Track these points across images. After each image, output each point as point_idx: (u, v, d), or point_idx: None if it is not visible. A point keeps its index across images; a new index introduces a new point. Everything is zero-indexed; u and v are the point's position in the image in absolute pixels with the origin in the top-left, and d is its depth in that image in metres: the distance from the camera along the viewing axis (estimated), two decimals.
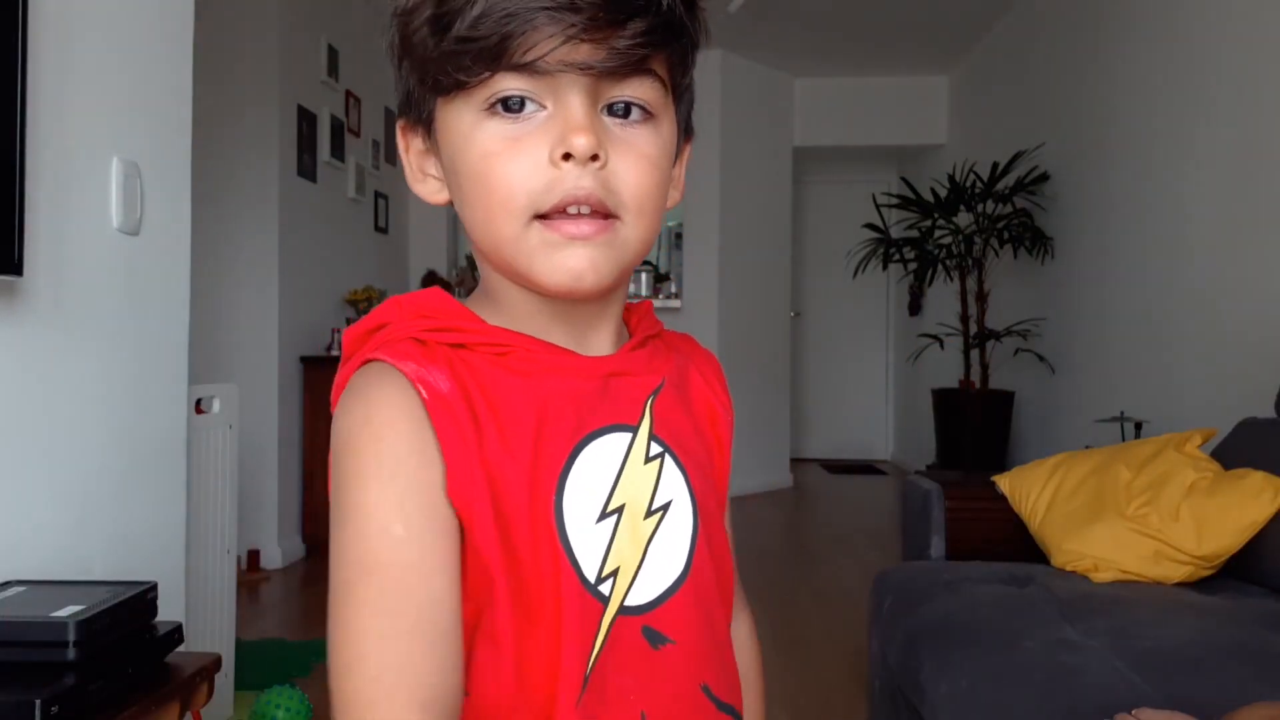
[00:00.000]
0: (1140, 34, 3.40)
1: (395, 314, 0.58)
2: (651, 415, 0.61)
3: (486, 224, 0.55)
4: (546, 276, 0.55)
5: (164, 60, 1.63)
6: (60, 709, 1.00)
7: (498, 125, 0.54)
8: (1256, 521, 1.71)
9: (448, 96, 0.55)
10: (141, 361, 1.57)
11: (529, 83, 0.53)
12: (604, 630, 0.56)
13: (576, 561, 0.55)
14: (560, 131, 0.53)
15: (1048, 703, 1.25)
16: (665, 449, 0.61)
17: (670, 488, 0.61)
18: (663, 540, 0.59)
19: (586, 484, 0.57)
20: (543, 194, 0.53)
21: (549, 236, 0.54)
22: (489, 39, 0.51)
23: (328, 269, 4.16)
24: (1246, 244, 2.73)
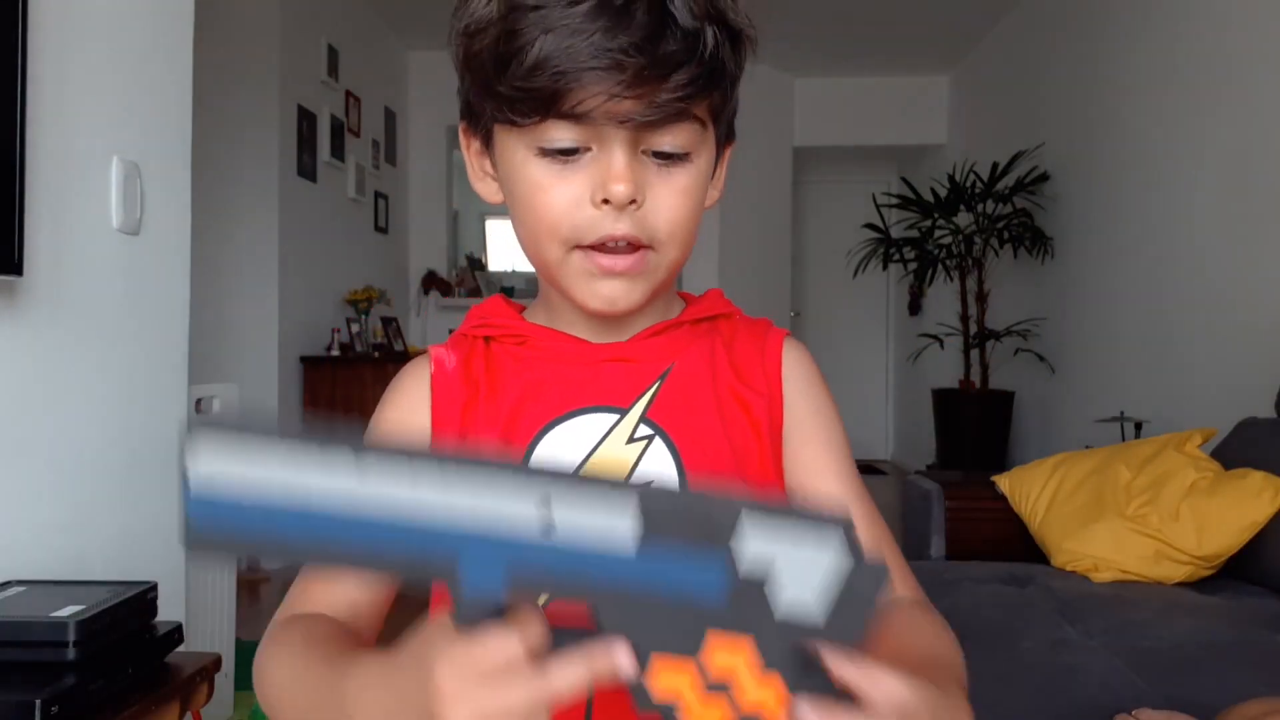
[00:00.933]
0: (1140, 34, 3.40)
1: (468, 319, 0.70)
2: (652, 399, 0.64)
3: (534, 244, 0.62)
4: (584, 300, 0.62)
5: (164, 60, 1.63)
6: (60, 709, 1.00)
7: (546, 164, 0.58)
8: (1256, 521, 1.71)
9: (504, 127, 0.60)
10: (141, 361, 1.57)
11: (575, 131, 0.57)
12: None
13: None
14: (602, 177, 0.57)
15: (1048, 703, 1.25)
16: (657, 432, 0.63)
17: (653, 468, 0.62)
18: None
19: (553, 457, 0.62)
20: (584, 229, 0.59)
21: (588, 267, 0.60)
22: (541, 91, 0.55)
23: (328, 269, 4.16)
24: (1247, 244, 2.73)
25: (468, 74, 0.61)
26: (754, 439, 0.66)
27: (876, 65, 5.77)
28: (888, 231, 4.71)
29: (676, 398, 0.64)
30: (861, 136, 6.08)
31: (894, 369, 7.03)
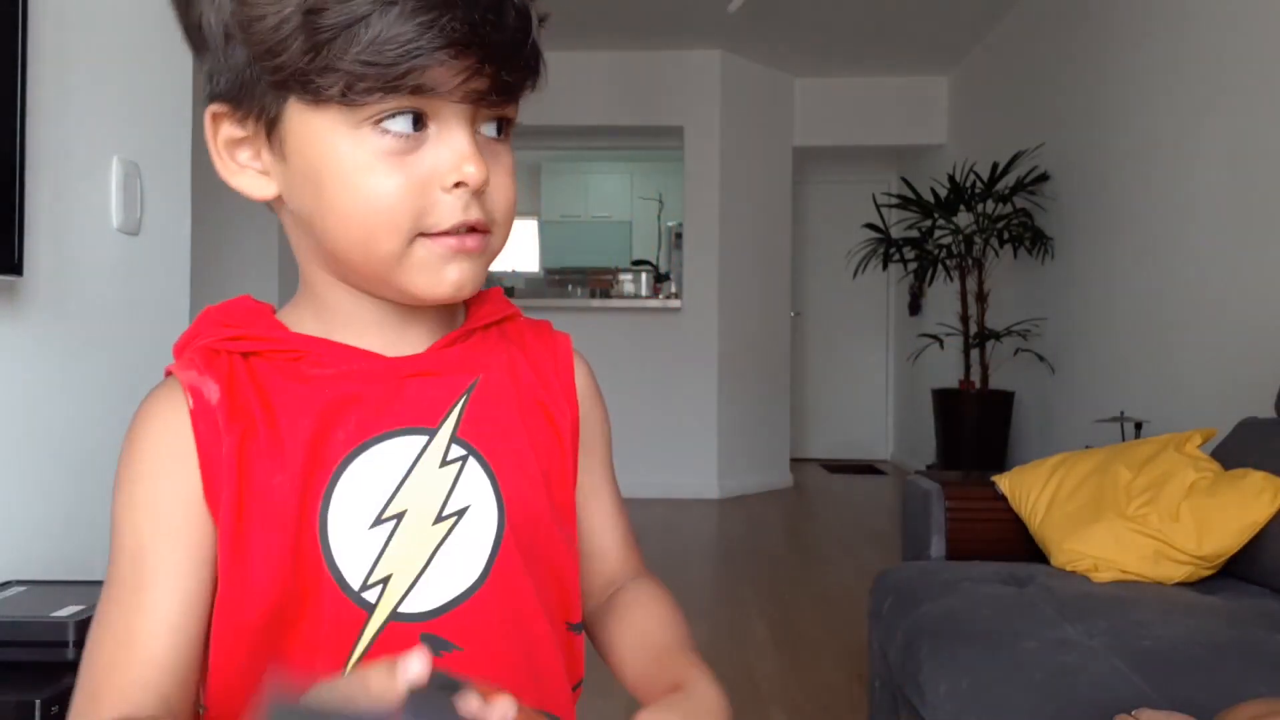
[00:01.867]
0: (1140, 34, 3.40)
1: (205, 324, 0.59)
2: (460, 417, 0.59)
3: (360, 237, 0.55)
4: (427, 288, 0.56)
5: (164, 60, 1.63)
6: (60, 709, 0.99)
7: (379, 141, 0.53)
8: (1256, 521, 1.71)
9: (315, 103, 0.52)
10: (141, 361, 1.57)
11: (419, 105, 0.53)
12: (368, 637, 0.56)
13: (337, 568, 0.55)
14: (450, 159, 0.54)
15: (1048, 703, 1.25)
16: (470, 452, 0.59)
17: (469, 492, 0.59)
18: (455, 546, 0.58)
19: (361, 489, 0.56)
20: (432, 216, 0.54)
21: (436, 250, 0.55)
22: (392, 67, 0.50)
23: None
24: (1247, 244, 2.73)
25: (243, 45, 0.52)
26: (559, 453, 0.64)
27: (876, 65, 5.77)
28: (888, 231, 4.71)
29: (484, 413, 0.60)
30: (861, 136, 6.08)
31: (894, 369, 7.03)
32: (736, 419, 5.49)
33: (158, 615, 0.54)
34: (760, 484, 5.59)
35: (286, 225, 0.61)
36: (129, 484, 0.56)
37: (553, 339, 0.69)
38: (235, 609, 0.55)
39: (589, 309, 5.44)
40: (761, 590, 3.45)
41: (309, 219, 0.56)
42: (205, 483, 0.54)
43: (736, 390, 5.50)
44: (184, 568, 0.54)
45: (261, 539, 0.54)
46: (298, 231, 0.59)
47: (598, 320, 5.38)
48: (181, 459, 0.55)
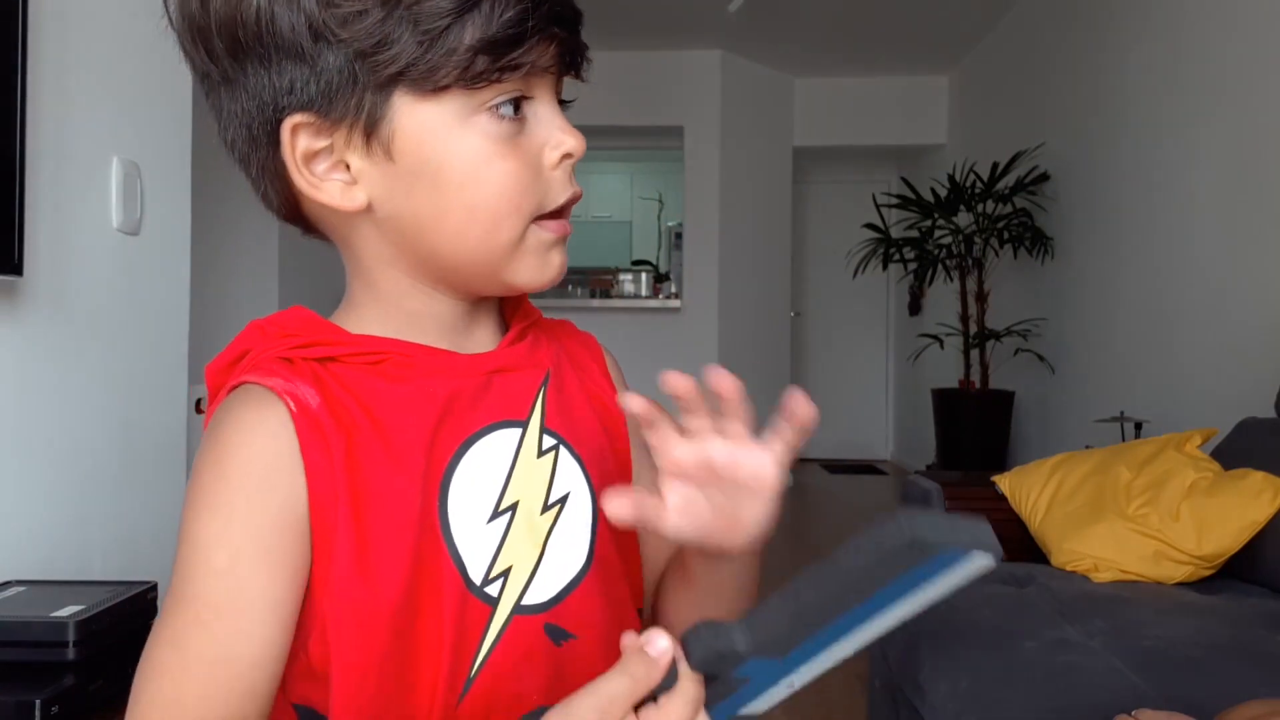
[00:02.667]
0: (1141, 34, 3.40)
1: (257, 338, 0.57)
2: (543, 408, 0.60)
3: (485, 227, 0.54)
4: (533, 276, 0.57)
5: (164, 60, 1.63)
6: (60, 709, 1.00)
7: (495, 127, 0.53)
8: (1256, 521, 1.71)
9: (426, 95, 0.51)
10: (141, 361, 1.57)
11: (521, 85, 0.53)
12: (495, 631, 0.55)
13: (462, 563, 0.54)
14: (553, 134, 0.55)
15: (1048, 703, 1.25)
16: (559, 441, 0.60)
17: (566, 480, 0.60)
18: (562, 535, 0.58)
19: (475, 483, 0.56)
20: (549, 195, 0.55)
21: (544, 237, 0.56)
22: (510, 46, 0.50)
23: (328, 269, 4.15)
24: (1247, 244, 2.73)
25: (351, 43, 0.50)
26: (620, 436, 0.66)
27: (876, 65, 5.77)
28: (888, 231, 4.71)
29: (559, 403, 0.61)
30: (861, 136, 6.08)
31: (894, 369, 7.02)
32: None
33: (261, 642, 0.51)
34: None
35: (357, 235, 0.58)
36: (225, 496, 0.51)
37: (583, 336, 0.70)
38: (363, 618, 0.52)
39: (589, 309, 5.44)
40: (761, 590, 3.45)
41: (418, 220, 0.54)
42: (313, 494, 0.51)
43: None
44: (281, 592, 0.51)
45: (386, 543, 0.53)
46: (381, 238, 0.56)
47: (598, 320, 5.38)
48: (287, 471, 0.51)
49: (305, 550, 0.52)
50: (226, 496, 0.51)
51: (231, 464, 0.52)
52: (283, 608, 0.51)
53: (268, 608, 0.51)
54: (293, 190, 0.56)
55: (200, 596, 0.51)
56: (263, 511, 0.51)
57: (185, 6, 0.55)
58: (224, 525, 0.51)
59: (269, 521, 0.51)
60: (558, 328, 0.69)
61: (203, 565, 0.51)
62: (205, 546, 0.51)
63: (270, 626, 0.51)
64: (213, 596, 0.50)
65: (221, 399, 0.55)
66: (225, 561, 0.51)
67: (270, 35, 0.51)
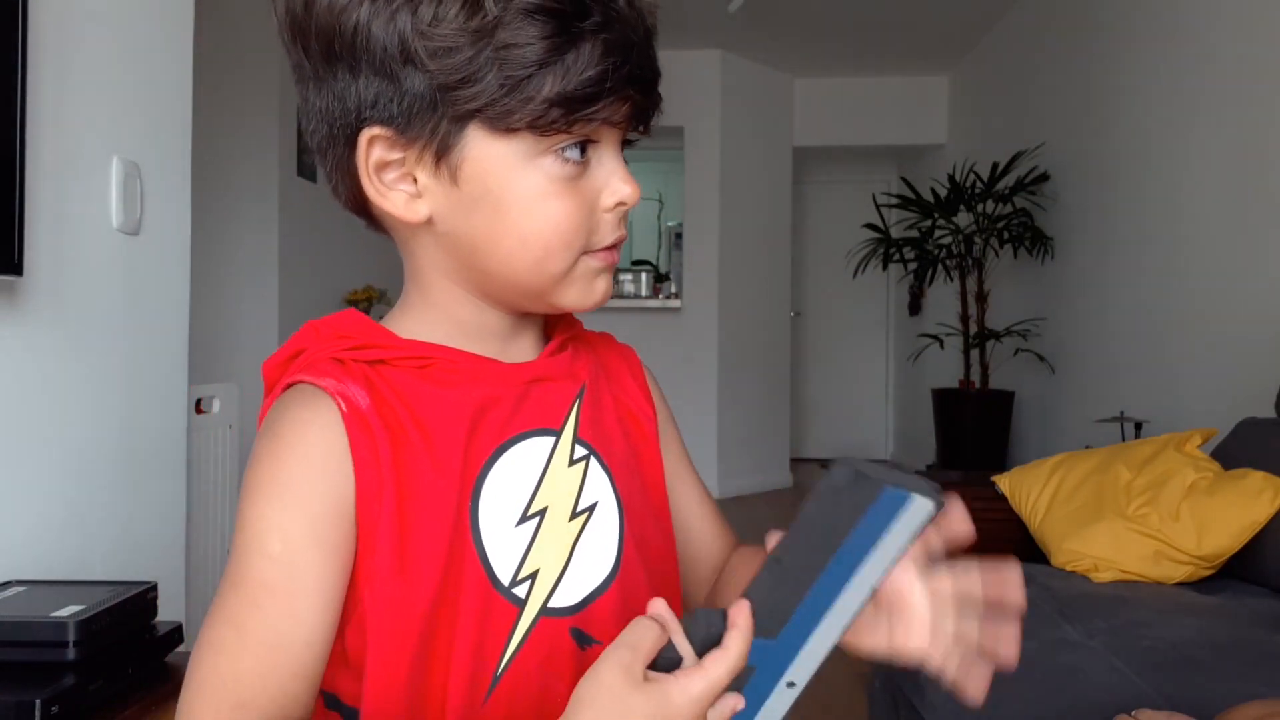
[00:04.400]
0: (1140, 34, 3.39)
1: (312, 338, 0.60)
2: (577, 419, 0.63)
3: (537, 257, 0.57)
4: (579, 300, 0.60)
5: (164, 60, 1.63)
6: (60, 709, 0.99)
7: (559, 169, 0.56)
8: (1257, 521, 1.71)
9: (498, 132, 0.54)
10: (141, 361, 1.57)
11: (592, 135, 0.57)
12: (521, 632, 0.57)
13: (489, 564, 0.57)
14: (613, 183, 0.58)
15: (1048, 703, 1.25)
16: (590, 451, 0.63)
17: (595, 490, 0.62)
18: (589, 542, 0.61)
19: (506, 488, 0.59)
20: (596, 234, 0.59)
21: (593, 265, 0.60)
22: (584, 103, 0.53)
23: (328, 269, 4.16)
24: (1247, 244, 2.72)
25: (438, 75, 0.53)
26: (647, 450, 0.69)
27: (876, 65, 5.77)
28: (888, 231, 4.71)
29: (592, 415, 0.64)
30: (861, 136, 6.08)
31: (894, 369, 7.02)
32: (736, 419, 5.48)
33: (314, 626, 0.53)
34: (760, 484, 5.59)
35: (416, 243, 0.61)
36: (280, 487, 0.54)
37: (622, 349, 0.74)
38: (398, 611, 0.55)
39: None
40: None
41: (473, 240, 0.58)
42: (360, 489, 0.54)
43: (736, 390, 5.50)
44: (332, 578, 0.54)
45: (422, 541, 0.55)
46: (439, 250, 0.60)
47: (598, 320, 5.27)
48: (338, 465, 0.55)
49: (351, 540, 0.55)
50: (282, 485, 0.54)
51: (289, 455, 0.55)
52: (332, 592, 0.54)
53: (318, 591, 0.54)
54: (362, 190, 0.59)
55: (256, 579, 0.53)
56: (316, 500, 0.54)
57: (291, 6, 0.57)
58: (279, 512, 0.54)
59: (321, 510, 0.54)
60: (599, 340, 0.72)
61: (258, 550, 0.54)
62: (261, 532, 0.54)
63: (320, 610, 0.54)
64: (267, 579, 0.53)
65: (277, 395, 0.58)
66: (279, 546, 0.53)
67: (364, 50, 0.54)
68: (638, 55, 0.55)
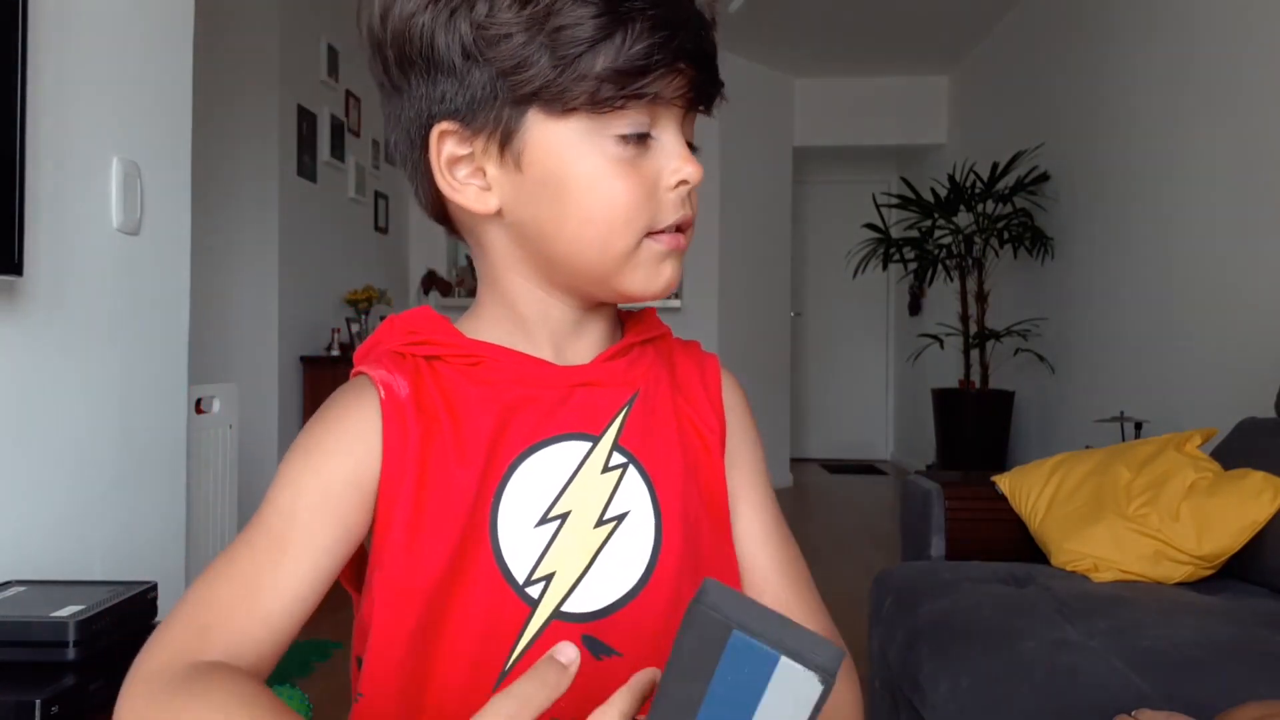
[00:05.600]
0: (1141, 34, 3.40)
1: (387, 331, 0.64)
2: (621, 427, 0.63)
3: (599, 236, 0.58)
4: (644, 284, 0.61)
5: (164, 60, 1.63)
6: (60, 709, 1.00)
7: (617, 149, 0.57)
8: (1257, 521, 1.71)
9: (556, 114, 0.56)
10: (141, 361, 1.57)
11: (648, 115, 0.58)
12: (531, 632, 0.58)
13: (504, 562, 0.58)
14: (673, 162, 0.59)
15: (1048, 703, 1.25)
16: (630, 460, 0.62)
17: (629, 499, 0.61)
18: (616, 551, 0.60)
19: (530, 488, 0.59)
20: (661, 214, 0.59)
21: (657, 249, 0.60)
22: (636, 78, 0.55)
23: (328, 269, 4.16)
24: (1247, 244, 2.73)
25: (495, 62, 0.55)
26: (708, 465, 0.66)
27: (876, 65, 5.77)
28: (888, 231, 4.71)
29: (642, 424, 0.63)
30: (861, 136, 6.08)
31: (894, 369, 7.02)
32: None
33: (290, 579, 0.56)
34: None
35: (488, 237, 0.63)
36: (306, 450, 0.59)
37: (702, 358, 0.72)
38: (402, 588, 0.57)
39: None
40: None
41: (539, 225, 0.59)
42: (385, 471, 0.58)
43: None
44: (326, 546, 0.57)
45: (436, 527, 0.57)
46: (509, 241, 0.62)
47: None
48: (365, 444, 0.58)
49: (364, 517, 0.58)
50: (307, 450, 0.59)
51: (325, 427, 0.60)
52: (321, 557, 0.57)
53: (306, 552, 0.57)
54: (439, 191, 0.61)
55: (261, 524, 0.58)
56: (336, 471, 0.58)
57: (370, 22, 0.61)
58: (299, 471, 0.58)
59: (338, 478, 0.58)
60: (677, 347, 0.71)
61: (273, 500, 0.58)
62: (280, 486, 0.58)
63: (304, 567, 0.56)
64: (269, 525, 0.57)
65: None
66: (288, 501, 0.58)
67: (430, 51, 0.57)
68: (688, 31, 0.56)
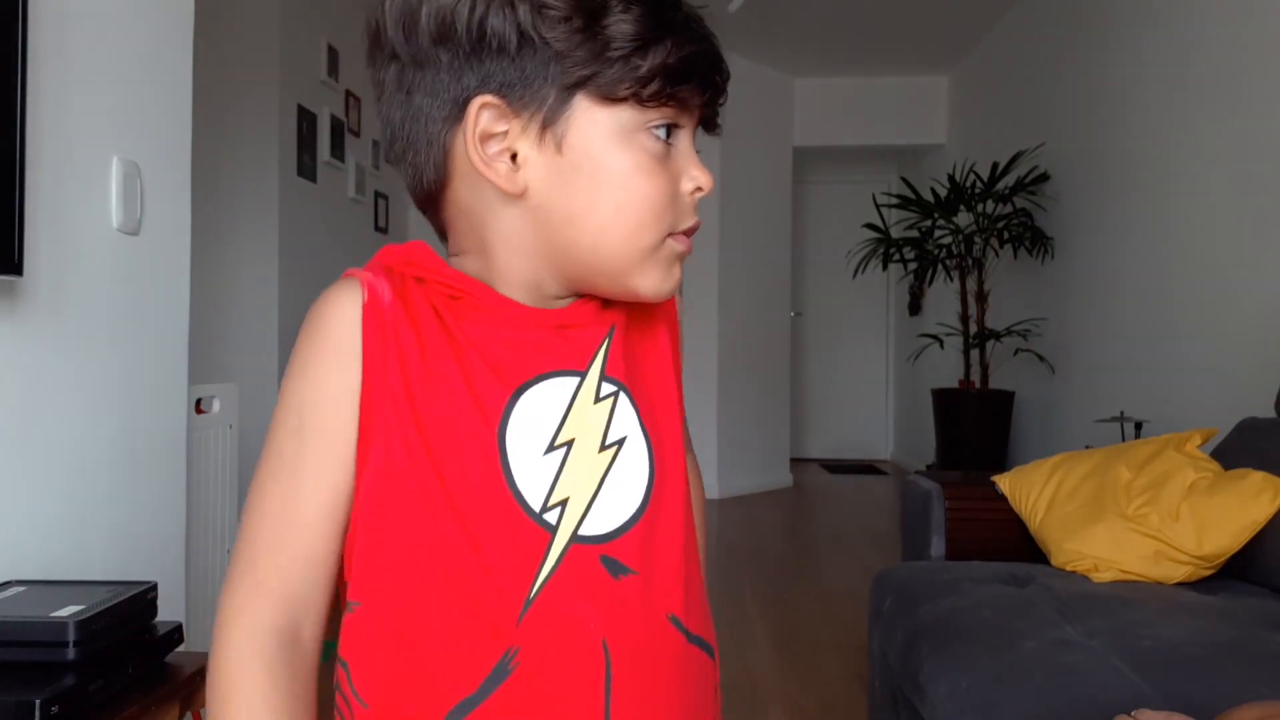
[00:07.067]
0: (1141, 33, 3.40)
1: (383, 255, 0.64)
2: (605, 357, 0.64)
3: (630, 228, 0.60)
4: (656, 284, 0.62)
5: (164, 60, 1.63)
6: (60, 709, 1.00)
7: (651, 145, 0.60)
8: (1257, 521, 1.71)
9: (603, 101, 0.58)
10: (141, 361, 1.57)
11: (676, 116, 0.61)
12: (554, 557, 0.58)
13: (518, 490, 0.59)
14: (692, 168, 0.63)
15: (1048, 703, 1.25)
16: (619, 388, 0.64)
17: (623, 424, 0.63)
18: (620, 473, 0.62)
19: (532, 420, 0.60)
20: (680, 217, 0.63)
21: (676, 249, 0.63)
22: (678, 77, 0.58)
23: (328, 269, 4.15)
24: (1247, 244, 2.73)
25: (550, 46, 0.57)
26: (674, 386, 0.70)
27: (876, 65, 5.77)
28: (888, 231, 4.71)
29: (621, 356, 0.65)
30: (861, 136, 6.08)
31: (894, 369, 7.02)
32: (736, 419, 5.48)
33: (314, 504, 0.58)
34: (760, 484, 5.59)
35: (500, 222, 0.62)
36: (301, 368, 0.59)
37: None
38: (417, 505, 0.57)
39: None
40: (761, 590, 3.45)
41: (568, 210, 0.60)
42: (366, 380, 0.58)
43: (736, 390, 5.49)
44: (330, 462, 0.58)
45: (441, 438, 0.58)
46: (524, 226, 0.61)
47: None
48: (350, 352, 0.58)
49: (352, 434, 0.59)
50: (302, 366, 0.59)
51: (316, 334, 0.60)
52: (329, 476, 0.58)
53: (314, 473, 0.58)
54: (448, 169, 0.62)
55: (278, 451, 0.59)
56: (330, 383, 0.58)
57: None
58: (299, 390, 0.59)
59: (334, 394, 0.58)
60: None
61: (284, 423, 0.59)
62: (287, 406, 0.59)
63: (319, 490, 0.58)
64: (284, 452, 0.59)
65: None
66: (295, 425, 0.59)
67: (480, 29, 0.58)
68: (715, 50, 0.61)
